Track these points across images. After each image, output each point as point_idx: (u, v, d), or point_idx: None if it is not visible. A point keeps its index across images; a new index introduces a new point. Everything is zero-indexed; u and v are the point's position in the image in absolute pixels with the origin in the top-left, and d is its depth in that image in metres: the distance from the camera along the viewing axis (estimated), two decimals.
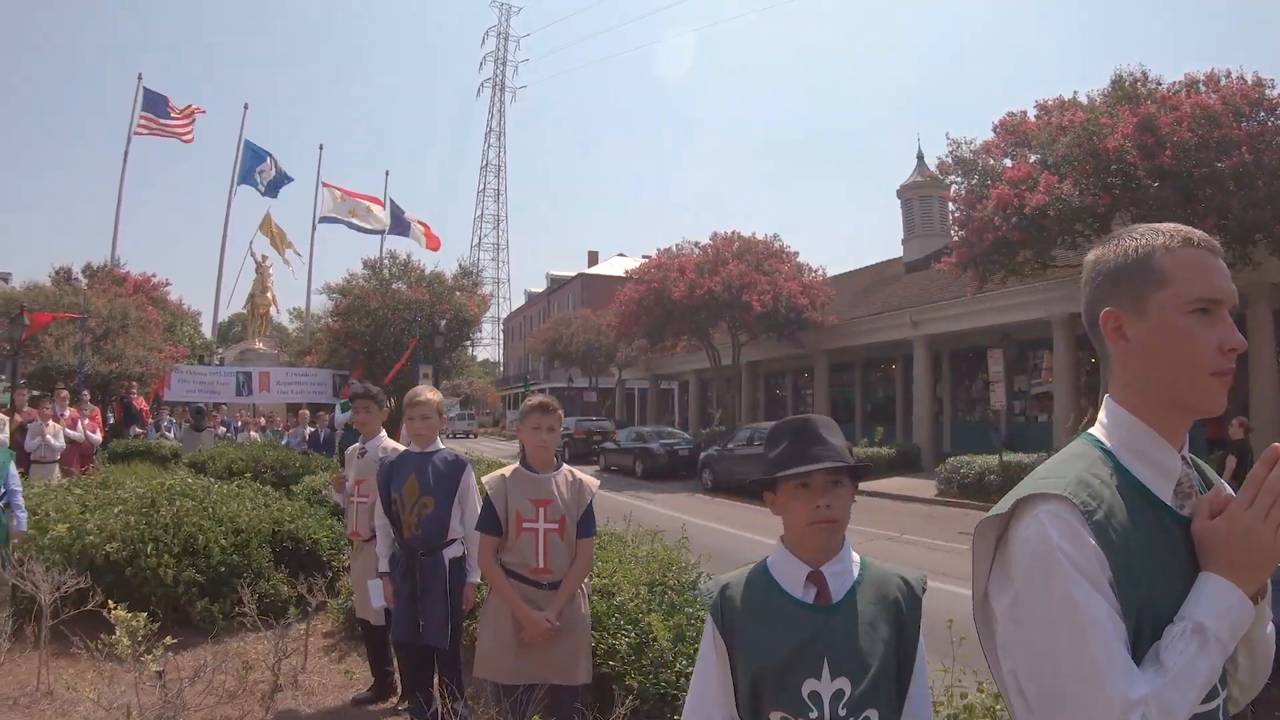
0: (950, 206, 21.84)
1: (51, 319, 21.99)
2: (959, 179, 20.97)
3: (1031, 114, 20.17)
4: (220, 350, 38.03)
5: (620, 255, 69.44)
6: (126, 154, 34.16)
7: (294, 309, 41.46)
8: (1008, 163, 19.94)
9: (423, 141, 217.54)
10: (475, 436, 59.54)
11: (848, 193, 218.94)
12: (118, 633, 4.83)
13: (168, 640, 5.22)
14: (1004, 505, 1.56)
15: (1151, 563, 1.46)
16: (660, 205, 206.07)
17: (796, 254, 31.98)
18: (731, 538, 15.95)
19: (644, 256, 69.30)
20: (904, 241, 34.29)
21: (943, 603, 10.21)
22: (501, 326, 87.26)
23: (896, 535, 16.36)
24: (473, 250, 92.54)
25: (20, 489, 7.55)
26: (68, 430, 14.60)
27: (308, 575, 7.95)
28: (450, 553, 5.03)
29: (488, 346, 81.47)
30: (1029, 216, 17.47)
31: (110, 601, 6.12)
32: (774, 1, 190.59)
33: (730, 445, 23.99)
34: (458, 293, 29.14)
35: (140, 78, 33.97)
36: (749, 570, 2.32)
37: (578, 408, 58.13)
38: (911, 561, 13.43)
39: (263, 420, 26.26)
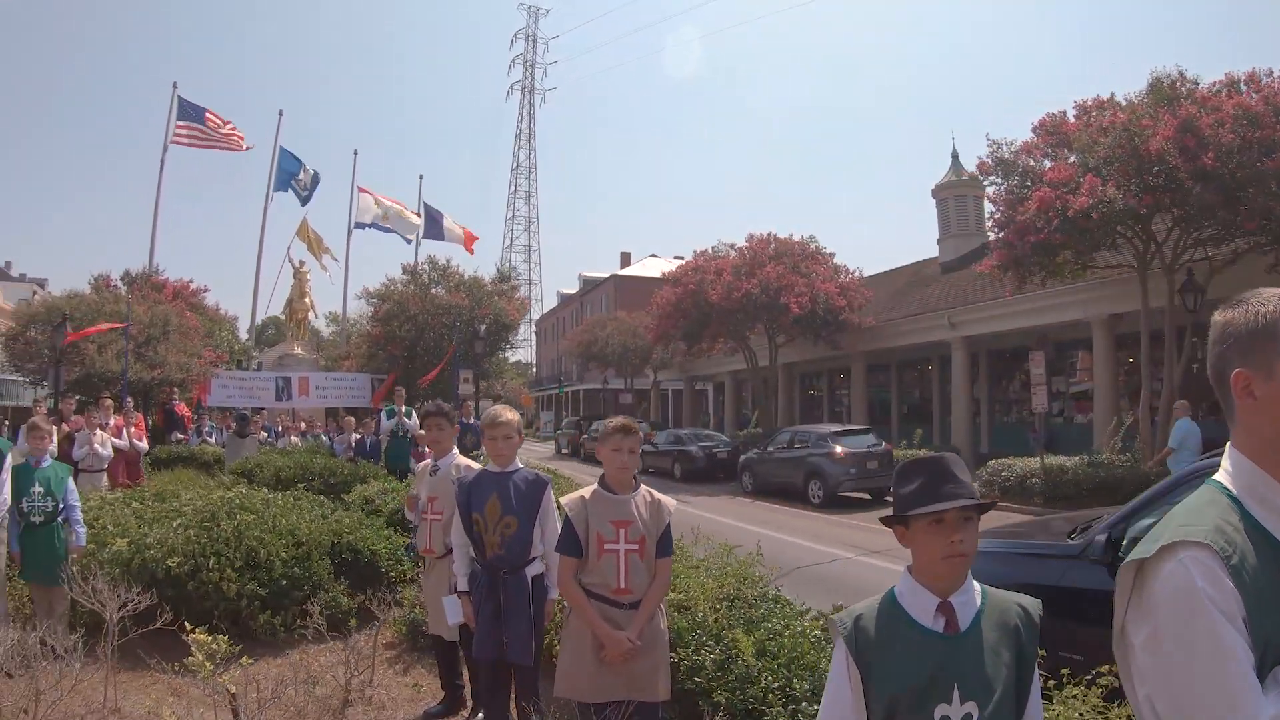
0: (989, 207, 21.69)
1: (99, 329, 22.12)
2: (999, 180, 20.82)
3: (1070, 114, 20.05)
4: (257, 354, 38.25)
5: (653, 256, 69.47)
6: (163, 163, 34.36)
7: (330, 313, 41.73)
8: (1047, 164, 19.81)
9: (455, 145, 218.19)
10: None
11: (879, 192, 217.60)
12: (196, 655, 4.87)
13: (244, 661, 5.28)
14: (1148, 549, 1.65)
15: (1275, 600, 1.57)
16: (692, 205, 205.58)
17: (833, 255, 32.04)
18: (779, 543, 15.79)
19: (676, 257, 69.40)
20: (940, 241, 33.92)
21: None
22: (534, 328, 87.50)
23: None
24: (504, 252, 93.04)
25: (79, 503, 7.59)
26: (114, 439, 14.69)
27: (368, 587, 8.04)
28: (532, 570, 5.04)
29: (520, 348, 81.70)
30: (1072, 219, 17.36)
31: (177, 617, 6.23)
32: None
33: (770, 448, 23.92)
34: (496, 297, 29.19)
35: (175, 87, 33.96)
36: (878, 601, 2.46)
37: (612, 410, 58.25)
38: None
39: (303, 425, 26.45)
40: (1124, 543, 5.39)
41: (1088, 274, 20.29)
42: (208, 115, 34.43)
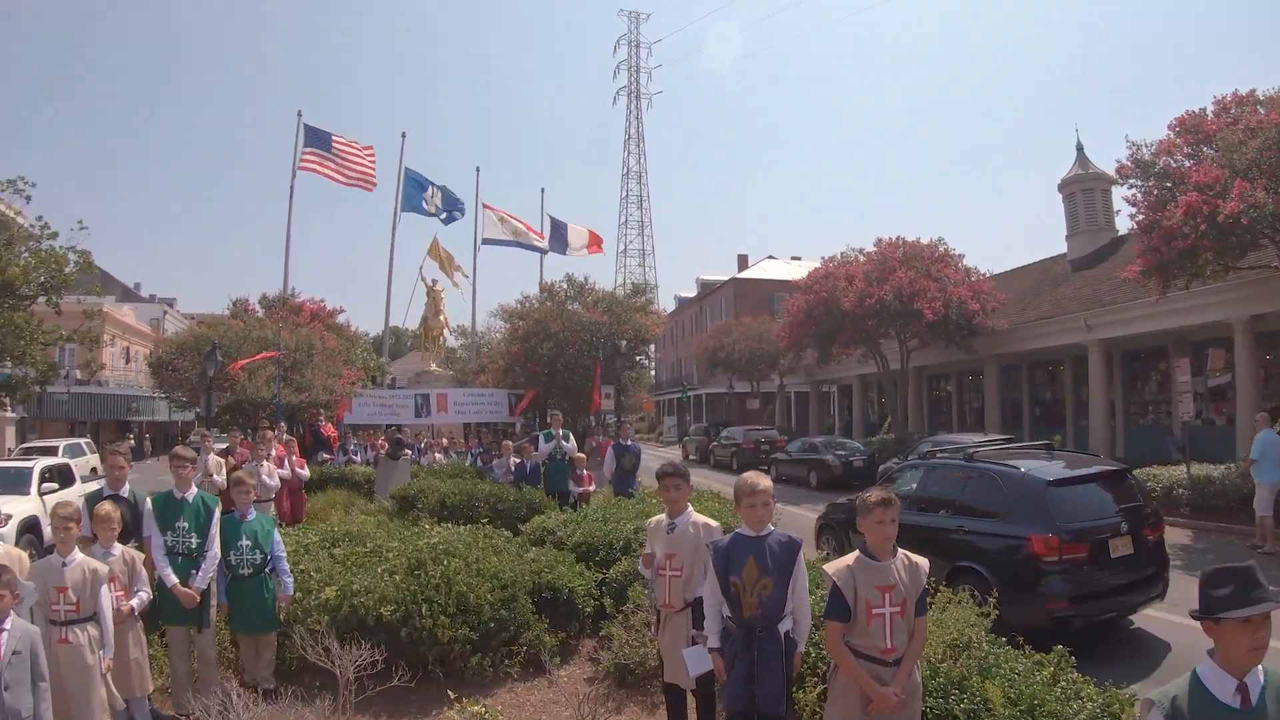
0: (1130, 209, 21.31)
1: (257, 359, 22.81)
2: (1138, 182, 20.49)
3: (1209, 111, 19.67)
4: (390, 370, 39.09)
5: (770, 258, 69.31)
6: (292, 188, 35.40)
7: (458, 327, 42.55)
8: (1187, 164, 19.46)
9: (567, 154, 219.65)
10: None
11: (998, 186, 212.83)
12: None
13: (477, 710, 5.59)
14: None
15: None
16: (806, 204, 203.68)
17: (962, 257, 31.67)
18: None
19: (794, 258, 69.51)
20: (1068, 238, 33.28)
21: (1164, 632, 10.11)
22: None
23: None
24: (619, 257, 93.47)
25: (284, 553, 7.94)
26: (279, 469, 15.30)
27: (567, 623, 8.43)
28: (783, 626, 5.32)
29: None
30: (1220, 224, 17.06)
31: (391, 664, 6.59)
32: None
33: (910, 458, 23.73)
34: (636, 313, 29.45)
35: (300, 115, 35.07)
36: (1186, 683, 3.14)
37: (737, 414, 58.35)
38: None
39: (445, 441, 26.96)
40: None
41: (1229, 275, 19.87)
42: (334, 139, 35.34)
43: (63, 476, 18.58)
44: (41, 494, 16.54)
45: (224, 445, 23.34)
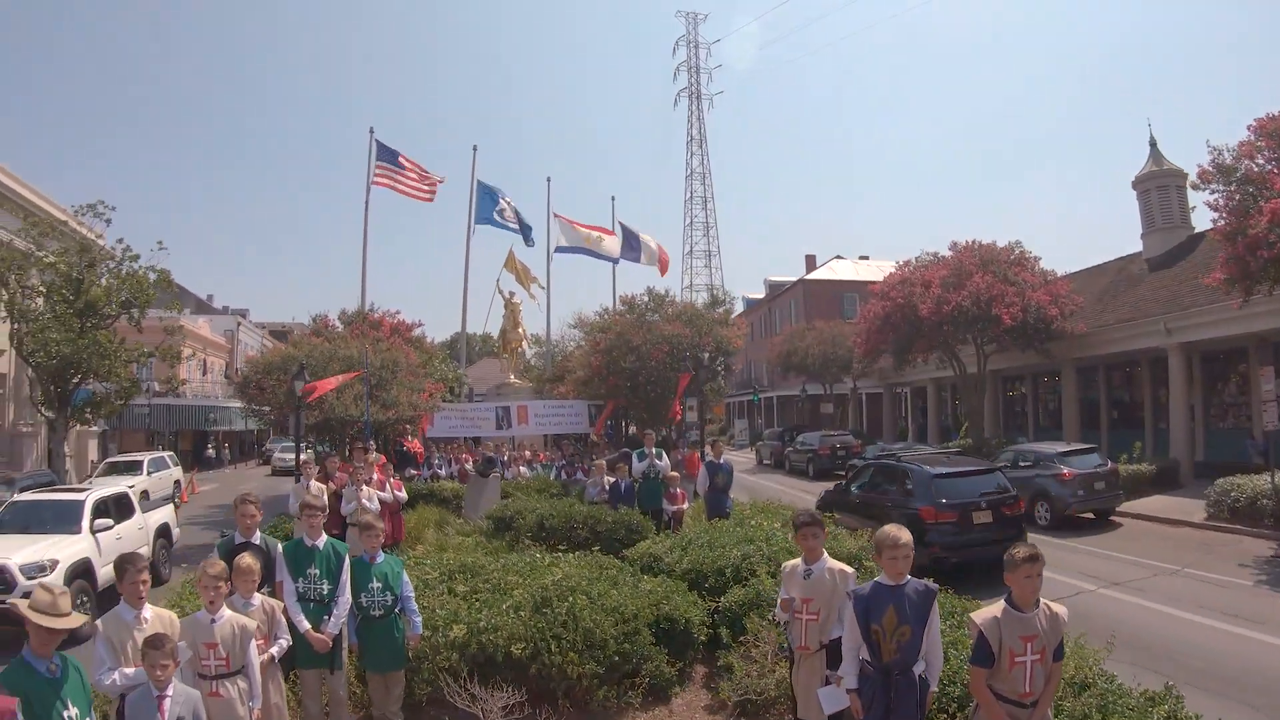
0: (1212, 214, 21.10)
1: (346, 378, 23.19)
2: (1220, 186, 20.32)
3: None
4: (467, 379, 39.51)
5: (838, 258, 69.09)
6: (367, 203, 36.28)
7: (533, 335, 42.94)
8: (1270, 168, 19.26)
9: (632, 158, 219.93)
10: None
11: (1064, 181, 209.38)
12: None
13: None
14: None
15: None
16: (871, 202, 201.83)
17: (1039, 259, 31.50)
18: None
19: (862, 258, 69.40)
20: (1144, 236, 32.81)
21: (1266, 656, 10.21)
22: None
23: (1176, 569, 15.79)
24: (685, 258, 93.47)
25: (413, 593, 8.16)
26: (379, 492, 15.65)
27: (684, 652, 8.73)
28: (918, 668, 5.65)
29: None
30: None
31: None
32: None
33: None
34: (718, 325, 29.58)
35: (372, 131, 35.89)
36: None
37: (809, 417, 58.30)
38: (1201, 601, 13.29)
39: (527, 454, 27.24)
40: None
41: None
42: (401, 158, 36.20)
43: (120, 508, 16.79)
44: (95, 531, 14.96)
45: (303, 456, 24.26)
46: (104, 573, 14.24)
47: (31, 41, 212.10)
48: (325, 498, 15.06)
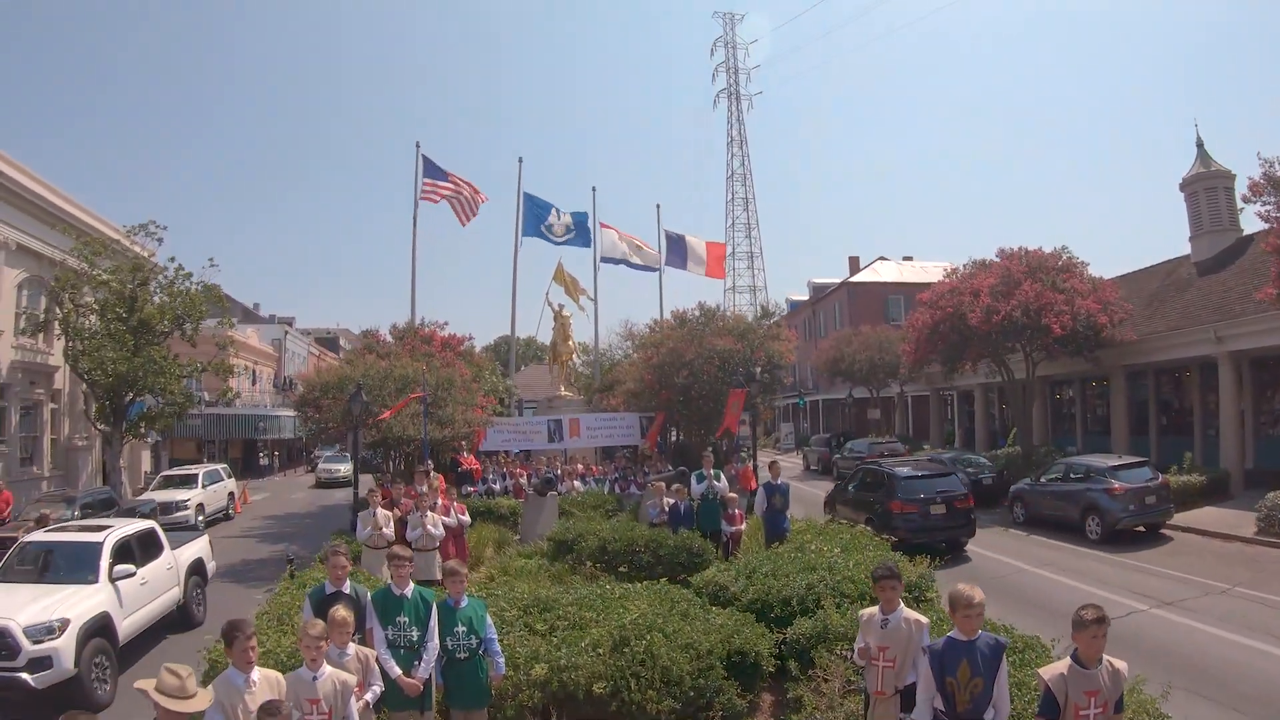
0: (1263, 225, 21.09)
1: (404, 404, 23.44)
2: (1272, 199, 20.37)
3: None
4: (517, 390, 39.80)
5: (882, 259, 68.85)
6: (415, 218, 36.57)
7: (580, 343, 43.21)
8: None
9: (677, 163, 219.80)
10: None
11: (1114, 184, 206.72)
12: None
13: None
14: None
15: None
16: (914, 202, 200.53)
17: (1086, 265, 31.42)
18: (1067, 590, 16.15)
19: (905, 258, 69.30)
20: (1192, 239, 32.69)
21: None
22: None
23: (1226, 587, 15.81)
24: (727, 260, 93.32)
25: (495, 635, 8.48)
26: (443, 518, 16.13)
27: (753, 684, 9.04)
28: (988, 715, 6.05)
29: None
30: None
31: None
32: None
33: (1043, 479, 23.98)
34: (770, 340, 29.68)
35: (418, 146, 36.24)
36: None
37: (854, 421, 58.40)
38: (1252, 623, 13.36)
39: (580, 467, 27.47)
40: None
41: None
42: (449, 175, 36.70)
43: (145, 547, 15.02)
44: (114, 579, 13.23)
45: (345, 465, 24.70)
46: (126, 625, 13.28)
47: (92, 65, 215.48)
48: (392, 526, 15.49)
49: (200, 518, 30.52)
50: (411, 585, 8.12)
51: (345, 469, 44.83)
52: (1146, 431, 31.97)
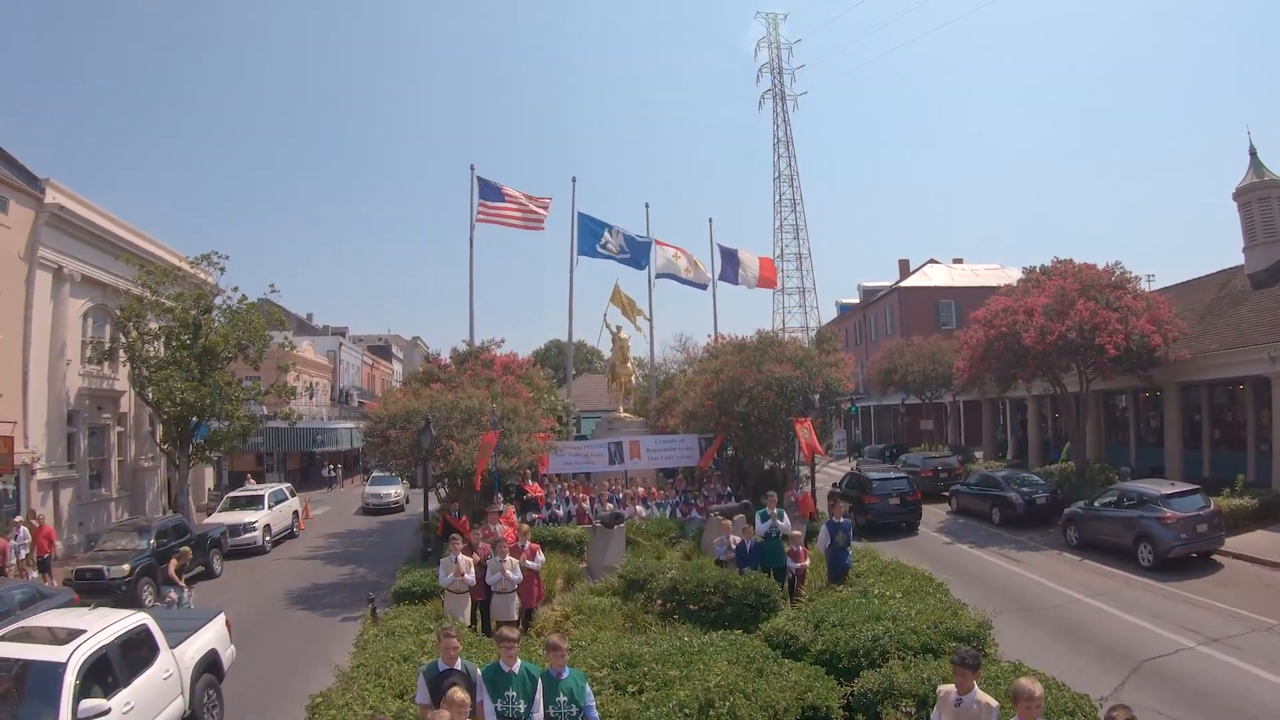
0: None
1: (485, 442, 23.71)
2: None
3: None
4: (575, 408, 40.25)
5: (933, 262, 68.82)
6: (471, 241, 37.24)
7: (635, 359, 43.54)
8: None
9: (728, 169, 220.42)
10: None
11: (1163, 188, 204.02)
12: None
13: None
14: None
15: None
16: (962, 203, 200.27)
17: (1139, 280, 31.60)
18: (1117, 622, 16.65)
19: (956, 261, 69.32)
20: (1245, 250, 32.51)
21: None
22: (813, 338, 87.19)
23: (1274, 623, 15.90)
24: (775, 262, 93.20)
25: (594, 702, 9.16)
26: (526, 561, 16.76)
27: None
28: None
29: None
30: None
31: None
32: None
33: (1096, 503, 24.15)
34: (828, 368, 29.99)
35: (473, 169, 36.68)
36: None
37: (906, 428, 58.68)
38: None
39: (641, 490, 27.95)
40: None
41: None
42: (505, 191, 37.19)
43: (131, 657, 11.13)
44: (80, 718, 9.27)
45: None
46: None
47: (166, 99, 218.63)
48: (473, 572, 16.14)
49: (268, 538, 31.50)
50: (519, 662, 8.89)
51: (395, 492, 44.84)
52: (1200, 446, 31.84)
